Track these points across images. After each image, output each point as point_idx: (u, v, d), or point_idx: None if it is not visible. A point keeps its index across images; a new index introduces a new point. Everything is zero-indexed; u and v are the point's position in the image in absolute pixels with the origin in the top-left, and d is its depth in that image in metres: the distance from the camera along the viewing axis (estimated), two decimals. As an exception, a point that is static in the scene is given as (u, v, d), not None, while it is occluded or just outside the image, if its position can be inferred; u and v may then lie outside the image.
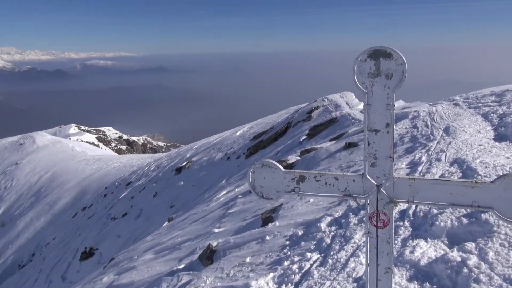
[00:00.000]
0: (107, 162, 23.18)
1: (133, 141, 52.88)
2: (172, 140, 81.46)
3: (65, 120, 58.15)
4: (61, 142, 32.90)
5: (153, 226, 8.93)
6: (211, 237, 4.17)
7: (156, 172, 15.20)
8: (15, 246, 16.87)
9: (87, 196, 18.00)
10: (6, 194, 23.72)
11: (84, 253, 10.22)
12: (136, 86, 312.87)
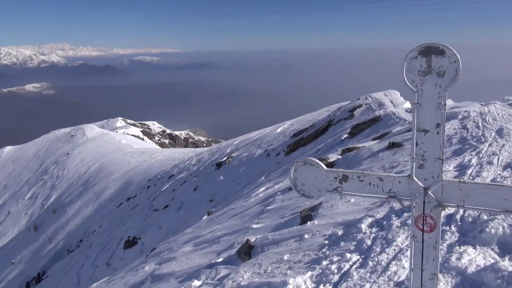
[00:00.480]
0: (150, 155, 23.93)
1: (176, 135, 54.24)
2: (213, 135, 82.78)
3: (112, 114, 60.71)
4: (109, 135, 34.33)
5: (193, 219, 9.12)
6: (249, 233, 4.20)
7: (197, 167, 15.51)
8: (65, 232, 17.85)
9: (131, 187, 18.69)
10: (58, 182, 25.14)
11: (128, 242, 10.63)
12: (180, 81, 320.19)
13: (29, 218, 22.72)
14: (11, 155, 37.01)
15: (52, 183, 25.55)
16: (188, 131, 64.05)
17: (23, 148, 37.72)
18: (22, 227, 21.92)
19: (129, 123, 51.91)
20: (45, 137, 38.66)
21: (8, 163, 35.54)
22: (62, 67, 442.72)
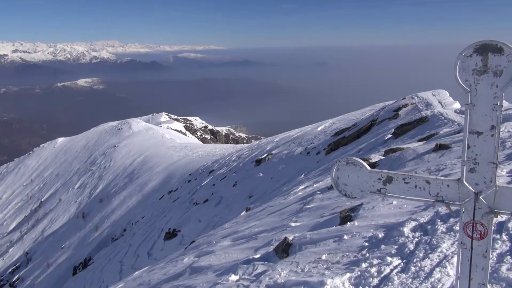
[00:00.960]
0: (192, 150, 24.45)
1: (217, 131, 55.02)
2: (253, 132, 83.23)
3: (157, 109, 62.61)
4: (153, 129, 35.43)
5: (231, 214, 9.23)
6: (287, 231, 4.18)
7: (237, 163, 15.65)
8: (110, 220, 18.66)
9: (173, 180, 19.19)
10: (105, 173, 26.29)
11: (168, 234, 10.93)
12: (223, 78, 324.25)
13: (78, 206, 23.93)
14: (63, 146, 39.17)
15: (100, 174, 26.75)
16: (229, 127, 64.80)
17: (74, 140, 39.81)
18: (72, 215, 23.13)
19: (172, 118, 53.31)
20: (94, 130, 40.58)
21: (60, 153, 37.65)
22: (112, 63, 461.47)
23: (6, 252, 23.14)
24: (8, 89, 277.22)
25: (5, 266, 21.53)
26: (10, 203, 32.02)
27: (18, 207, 30.35)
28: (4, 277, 20.10)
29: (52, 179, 32.29)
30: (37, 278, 17.16)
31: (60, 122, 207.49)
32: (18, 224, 27.23)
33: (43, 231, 23.00)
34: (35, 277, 17.42)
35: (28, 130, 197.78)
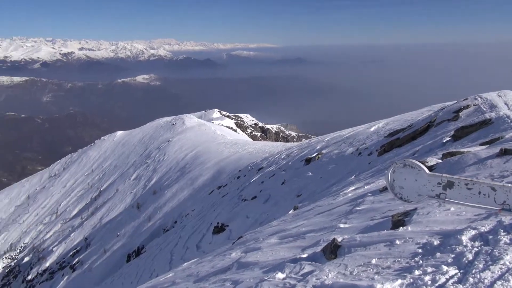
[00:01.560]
0: (242, 146, 24.72)
1: (267, 129, 55.24)
2: (304, 130, 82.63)
3: (210, 105, 64.02)
4: (205, 125, 36.27)
5: (279, 212, 9.22)
6: (336, 232, 4.10)
7: (286, 161, 15.61)
8: (162, 212, 19.38)
9: (223, 176, 19.53)
10: (159, 166, 27.33)
11: (216, 228, 11.14)
12: (275, 76, 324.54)
13: (133, 196, 25.09)
14: (121, 139, 41.25)
15: (154, 167, 27.85)
16: (280, 125, 64.79)
17: (132, 133, 41.77)
18: (127, 205, 24.30)
19: (224, 114, 54.23)
20: (150, 124, 42.32)
21: (118, 146, 39.69)
22: (168, 61, 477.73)
23: (68, 236, 24.81)
24: (74, 85, 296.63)
25: (67, 249, 23.10)
26: (73, 190, 34.29)
27: (79, 195, 32.43)
28: (66, 259, 21.58)
29: (111, 170, 34.11)
30: (94, 262, 18.24)
31: (120, 116, 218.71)
32: (79, 211, 29.10)
33: (101, 219, 24.38)
34: (93, 261, 18.52)
35: (90, 123, 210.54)
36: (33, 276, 22.38)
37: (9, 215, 37.00)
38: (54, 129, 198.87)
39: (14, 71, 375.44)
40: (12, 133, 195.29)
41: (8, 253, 28.79)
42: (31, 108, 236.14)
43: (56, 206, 32.48)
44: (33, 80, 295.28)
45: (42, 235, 28.35)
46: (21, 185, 43.93)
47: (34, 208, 34.92)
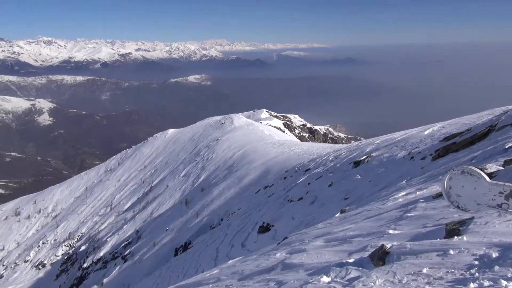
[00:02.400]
0: (290, 147, 24.62)
1: (316, 130, 54.63)
2: (353, 132, 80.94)
3: (258, 105, 64.45)
4: (253, 125, 36.54)
5: (325, 215, 9.08)
6: (384, 238, 3.96)
7: (334, 163, 15.34)
8: (209, 209, 19.77)
9: (269, 176, 19.57)
10: (208, 164, 27.91)
11: (262, 227, 11.18)
12: (325, 76, 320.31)
13: (182, 193, 25.83)
14: (173, 137, 42.64)
15: (203, 165, 28.49)
16: (328, 127, 63.86)
17: (183, 132, 43.05)
18: (176, 200, 25.06)
19: (272, 115, 54.34)
20: (200, 123, 43.38)
21: (170, 143, 41.07)
22: (219, 61, 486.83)
23: (121, 228, 26.03)
24: (130, 84, 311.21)
25: (119, 241, 24.25)
26: (127, 185, 35.94)
27: (132, 190, 33.93)
28: (118, 250, 22.66)
29: (162, 167, 35.37)
30: (144, 255, 18.99)
31: (172, 114, 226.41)
32: (131, 204, 30.44)
33: (152, 213, 25.34)
34: (143, 253, 19.28)
35: (144, 121, 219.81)
36: (88, 264, 23.73)
37: (69, 205, 39.54)
38: (111, 126, 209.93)
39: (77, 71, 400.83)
40: (74, 129, 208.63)
41: (67, 241, 30.78)
42: (91, 105, 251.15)
43: (111, 199, 34.23)
44: (93, 79, 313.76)
45: (98, 226, 30.00)
46: (80, 178, 46.80)
47: (91, 200, 37.04)
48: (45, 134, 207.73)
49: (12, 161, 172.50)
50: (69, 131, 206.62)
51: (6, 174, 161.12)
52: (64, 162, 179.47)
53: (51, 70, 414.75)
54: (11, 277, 30.06)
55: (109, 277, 19.28)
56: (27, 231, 37.93)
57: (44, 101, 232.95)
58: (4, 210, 45.60)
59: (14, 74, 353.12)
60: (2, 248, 36.27)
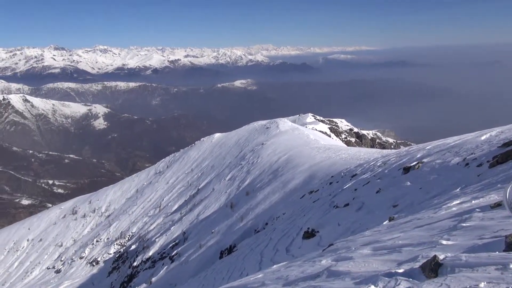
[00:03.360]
0: (336, 152, 24.21)
1: (363, 134, 53.35)
2: (402, 137, 78.28)
3: (304, 110, 64.08)
4: (299, 129, 36.33)
5: (372, 222, 8.81)
6: (436, 248, 3.78)
7: (382, 168, 14.87)
8: (254, 213, 19.86)
9: (314, 181, 19.33)
10: (252, 168, 28.09)
11: (307, 233, 11.05)
12: (373, 80, 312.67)
13: (227, 196, 26.17)
14: (219, 141, 43.39)
15: (248, 169, 28.71)
16: (376, 131, 62.13)
17: (228, 136, 43.69)
18: (222, 204, 25.42)
19: (318, 119, 53.76)
20: (245, 127, 43.81)
21: (216, 147, 41.82)
22: (265, 66, 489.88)
23: (169, 229, 26.80)
24: (179, 89, 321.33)
25: (167, 241, 24.98)
26: (175, 187, 37.01)
27: (180, 192, 34.87)
28: (166, 251, 23.34)
29: (208, 170, 36.07)
30: (190, 256, 19.41)
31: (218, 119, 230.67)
32: (179, 206, 31.27)
33: (198, 215, 25.87)
34: (189, 254, 19.72)
35: (191, 125, 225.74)
36: (138, 263, 24.63)
37: (121, 206, 41.36)
38: (161, 130, 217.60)
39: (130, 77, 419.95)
40: (127, 132, 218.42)
41: (118, 240, 32.17)
42: (142, 110, 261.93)
43: (160, 201, 35.39)
44: (145, 85, 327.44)
45: (147, 226, 31.10)
46: (131, 179, 48.83)
47: (141, 201, 38.51)
48: (100, 138, 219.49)
49: (71, 162, 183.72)
50: (122, 134, 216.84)
51: (65, 175, 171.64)
52: (117, 164, 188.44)
53: (106, 77, 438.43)
54: (68, 272, 31.90)
55: (157, 277, 19.89)
56: (82, 229, 40.15)
57: (99, 106, 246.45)
58: (62, 209, 48.61)
59: (73, 81, 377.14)
60: (61, 244, 38.61)
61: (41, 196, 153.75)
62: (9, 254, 43.58)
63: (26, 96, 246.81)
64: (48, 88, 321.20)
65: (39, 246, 41.11)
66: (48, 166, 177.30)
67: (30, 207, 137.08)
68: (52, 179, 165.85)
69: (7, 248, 44.87)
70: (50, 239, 41.45)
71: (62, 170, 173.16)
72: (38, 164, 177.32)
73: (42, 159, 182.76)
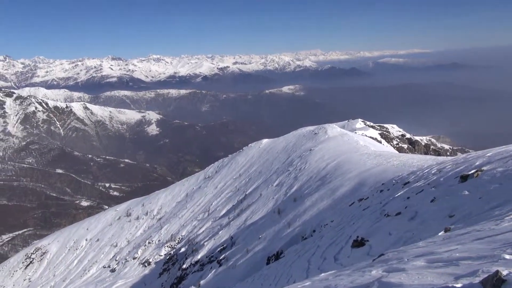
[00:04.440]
0: (386, 158, 23.43)
1: (416, 140, 51.24)
2: (459, 143, 74.37)
3: (353, 115, 62.81)
4: (348, 135, 35.59)
5: (426, 232, 8.39)
6: (499, 263, 3.52)
7: (437, 176, 14.16)
8: (301, 220, 19.65)
9: (364, 188, 18.81)
10: (300, 174, 27.87)
11: (356, 242, 10.74)
12: (426, 83, 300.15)
13: (274, 202, 26.14)
14: (267, 147, 43.53)
15: (295, 175, 28.53)
16: (430, 137, 59.45)
17: (276, 141, 43.72)
18: (269, 209, 25.43)
19: (368, 125, 52.38)
20: (293, 133, 43.62)
21: (264, 153, 41.99)
22: (313, 71, 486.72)
23: (217, 233, 27.21)
24: (228, 95, 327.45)
25: (215, 245, 25.36)
26: (223, 192, 37.58)
27: (228, 197, 35.34)
28: (214, 254, 23.71)
29: (256, 176, 36.27)
30: (238, 261, 19.56)
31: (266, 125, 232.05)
32: (227, 211, 31.69)
33: (246, 220, 26.05)
34: (237, 259, 19.88)
35: (240, 131, 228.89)
36: (187, 265, 25.21)
37: (171, 209, 42.66)
38: (210, 135, 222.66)
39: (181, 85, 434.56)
40: (177, 138, 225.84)
41: (169, 243, 33.15)
42: (192, 116, 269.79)
43: (208, 205, 36.08)
44: (195, 92, 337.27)
45: (196, 229, 31.80)
46: (181, 184, 50.24)
47: (191, 205, 39.48)
48: (153, 143, 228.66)
49: (125, 167, 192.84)
50: (173, 140, 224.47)
51: (120, 179, 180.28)
52: (168, 169, 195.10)
53: (159, 84, 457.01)
54: (122, 271, 33.34)
55: (206, 280, 20.22)
56: (136, 231, 41.85)
57: (152, 113, 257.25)
58: (118, 211, 51.01)
59: (128, 89, 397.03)
60: (116, 244, 40.47)
61: (98, 198, 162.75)
62: (70, 252, 46.41)
63: (86, 104, 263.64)
64: (105, 96, 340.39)
65: (96, 246, 43.41)
66: (105, 170, 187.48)
67: (88, 208, 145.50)
68: (109, 182, 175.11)
69: (67, 247, 47.83)
70: (106, 239, 43.62)
71: (117, 174, 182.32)
72: (97, 168, 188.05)
73: (100, 163, 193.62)
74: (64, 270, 42.35)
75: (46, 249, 50.08)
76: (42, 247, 51.01)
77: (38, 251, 50.55)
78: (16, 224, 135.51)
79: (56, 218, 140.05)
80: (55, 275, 42.33)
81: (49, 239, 54.61)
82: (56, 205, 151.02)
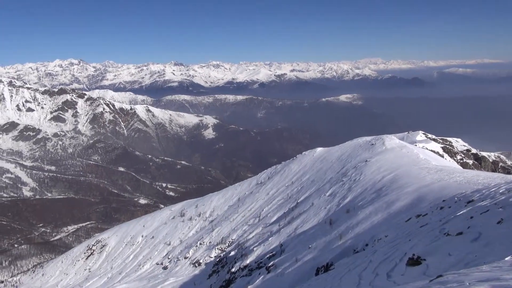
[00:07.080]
0: (449, 174, 22.12)
1: (483, 156, 47.88)
2: (533, 162, 68.34)
3: (413, 127, 60.12)
4: (407, 148, 34.11)
5: (491, 256, 7.77)
6: None
7: (505, 196, 13.10)
8: (353, 232, 19.08)
9: (423, 204, 17.88)
10: (354, 186, 27.12)
11: (411, 260, 10.21)
12: (497, 96, 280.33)
13: (326, 212, 25.65)
14: (321, 156, 42.93)
15: (349, 186, 27.81)
16: (499, 154, 55.25)
17: (331, 151, 42.98)
18: (320, 219, 24.99)
19: (429, 137, 49.85)
20: (349, 143, 42.63)
21: (317, 162, 41.44)
22: (372, 80, 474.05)
23: (266, 240, 27.21)
24: (284, 102, 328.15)
25: (264, 251, 25.37)
26: (274, 199, 37.56)
27: (279, 204, 35.26)
28: (263, 261, 23.71)
29: (308, 184, 35.86)
30: (287, 269, 19.39)
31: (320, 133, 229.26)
32: (278, 218, 31.60)
33: (296, 229, 25.81)
34: (286, 267, 19.72)
35: (294, 138, 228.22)
36: (236, 269, 25.43)
37: (223, 212, 43.39)
38: (264, 141, 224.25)
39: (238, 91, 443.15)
40: (232, 143, 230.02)
41: (219, 245, 33.69)
42: (248, 122, 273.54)
43: (260, 211, 36.23)
44: (251, 98, 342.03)
45: (246, 234, 32.03)
46: (234, 188, 50.98)
47: (242, 210, 39.88)
48: (209, 147, 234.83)
49: (182, 168, 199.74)
50: (228, 144, 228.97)
51: (176, 179, 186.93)
52: (222, 173, 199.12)
53: (217, 90, 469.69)
54: (174, 269, 34.41)
55: (253, 285, 20.25)
56: (188, 231, 43.06)
57: (209, 117, 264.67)
58: (172, 211, 52.86)
59: (188, 93, 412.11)
60: (169, 243, 41.90)
61: (155, 197, 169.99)
62: (127, 247, 48.80)
63: (148, 107, 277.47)
64: (167, 100, 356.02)
65: (151, 243, 45.26)
66: (163, 170, 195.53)
67: (146, 206, 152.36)
68: (165, 182, 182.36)
69: (125, 241, 50.35)
70: (160, 237, 45.33)
71: (174, 175, 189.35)
72: (155, 168, 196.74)
73: (158, 164, 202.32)
74: (120, 264, 44.60)
75: (105, 242, 53.12)
76: (102, 240, 54.17)
77: (99, 244, 53.75)
78: (81, 216, 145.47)
79: (116, 213, 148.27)
80: (113, 267, 44.69)
81: (108, 232, 57.89)
82: (117, 201, 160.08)
